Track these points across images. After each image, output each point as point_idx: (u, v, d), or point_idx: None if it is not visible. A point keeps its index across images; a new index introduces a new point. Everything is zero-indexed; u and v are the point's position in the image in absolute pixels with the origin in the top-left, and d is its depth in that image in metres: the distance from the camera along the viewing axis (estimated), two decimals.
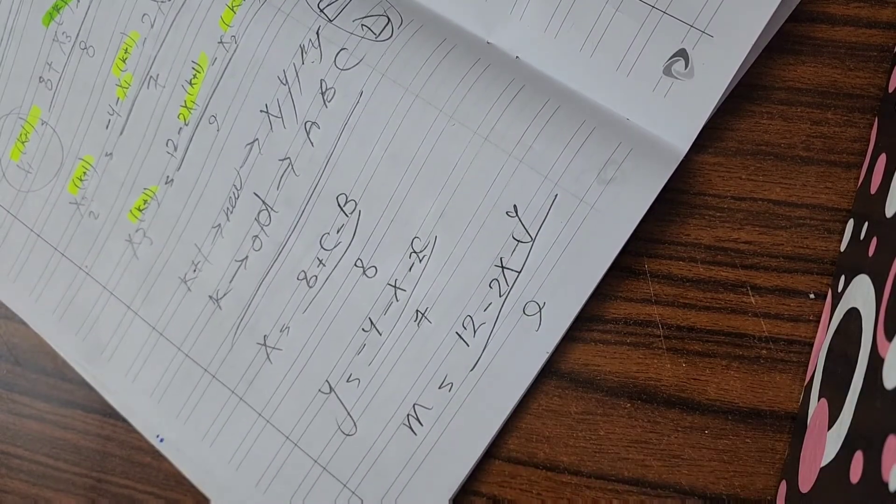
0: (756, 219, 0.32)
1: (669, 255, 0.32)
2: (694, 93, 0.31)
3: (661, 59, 0.31)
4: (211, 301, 0.36)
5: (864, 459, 0.23)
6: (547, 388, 0.33)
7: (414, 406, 0.32)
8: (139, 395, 0.36)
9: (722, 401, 0.32)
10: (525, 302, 0.31)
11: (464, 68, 0.32)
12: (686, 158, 0.31)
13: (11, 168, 0.39)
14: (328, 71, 0.33)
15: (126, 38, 0.37)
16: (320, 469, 0.34)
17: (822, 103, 0.32)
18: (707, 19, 0.30)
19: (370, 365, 0.33)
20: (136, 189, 0.37)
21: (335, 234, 0.34)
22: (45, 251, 0.38)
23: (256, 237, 0.35)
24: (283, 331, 0.34)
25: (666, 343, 0.32)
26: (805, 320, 0.32)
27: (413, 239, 0.33)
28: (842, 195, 0.32)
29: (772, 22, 0.30)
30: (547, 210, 0.31)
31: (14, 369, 0.38)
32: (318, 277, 0.34)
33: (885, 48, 0.32)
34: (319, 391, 0.34)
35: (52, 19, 0.38)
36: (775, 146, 0.32)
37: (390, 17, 0.33)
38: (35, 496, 0.37)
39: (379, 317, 0.33)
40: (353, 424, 0.33)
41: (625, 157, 0.30)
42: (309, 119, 0.34)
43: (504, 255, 0.31)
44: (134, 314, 0.37)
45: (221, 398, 0.35)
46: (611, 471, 0.32)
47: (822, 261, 0.32)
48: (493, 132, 0.31)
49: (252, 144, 0.35)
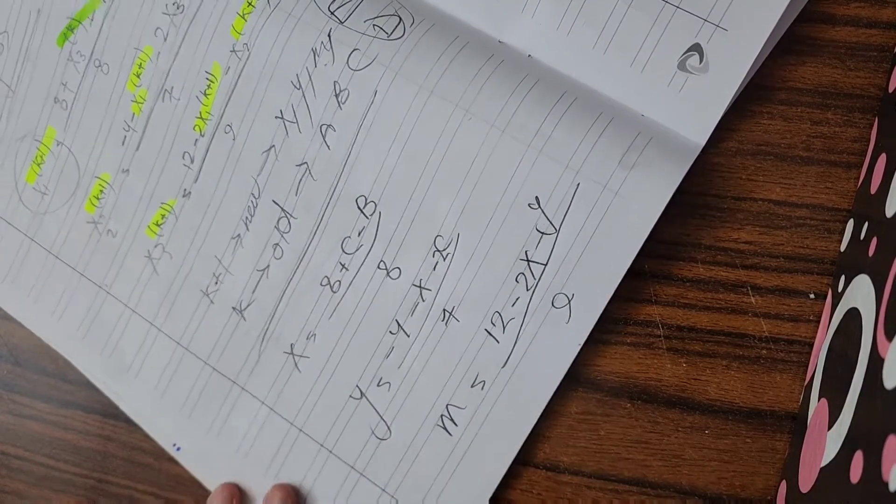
0: (756, 219, 0.32)
1: (669, 255, 0.32)
2: (709, 87, 0.31)
3: (675, 54, 0.31)
4: (235, 312, 0.35)
5: (864, 459, 0.23)
6: None
7: (447, 406, 0.32)
8: (169, 412, 0.36)
9: (722, 401, 0.32)
10: (553, 294, 0.31)
11: (478, 63, 0.32)
12: None
13: (27, 191, 0.39)
14: (341, 72, 0.33)
15: (140, 53, 0.36)
16: (357, 475, 0.34)
17: (822, 103, 0.32)
18: (721, 13, 0.30)
19: (400, 367, 0.33)
20: (154, 204, 0.37)
21: (356, 238, 0.33)
22: (64, 272, 0.38)
23: (277, 245, 0.35)
24: (310, 338, 0.34)
25: (666, 343, 0.32)
26: (805, 320, 0.32)
27: (436, 237, 0.32)
28: (842, 195, 0.32)
29: (784, 17, 0.30)
30: (570, 200, 0.30)
31: (14, 370, 0.38)
32: (342, 282, 0.34)
33: (885, 48, 0.32)
34: (350, 397, 0.34)
35: (67, 39, 0.38)
36: (775, 146, 0.32)
37: (401, 16, 0.33)
38: (35, 496, 0.37)
39: (406, 318, 0.33)
40: (386, 428, 0.33)
41: (646, 144, 0.30)
42: (324, 122, 0.33)
43: (529, 249, 0.31)
44: (158, 330, 0.36)
45: (252, 410, 0.35)
46: (611, 471, 0.32)
47: (822, 261, 0.32)
48: (510, 124, 0.31)
49: (268, 151, 0.34)
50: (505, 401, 0.32)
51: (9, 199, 0.39)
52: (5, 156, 0.39)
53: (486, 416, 0.32)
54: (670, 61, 0.31)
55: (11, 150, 0.39)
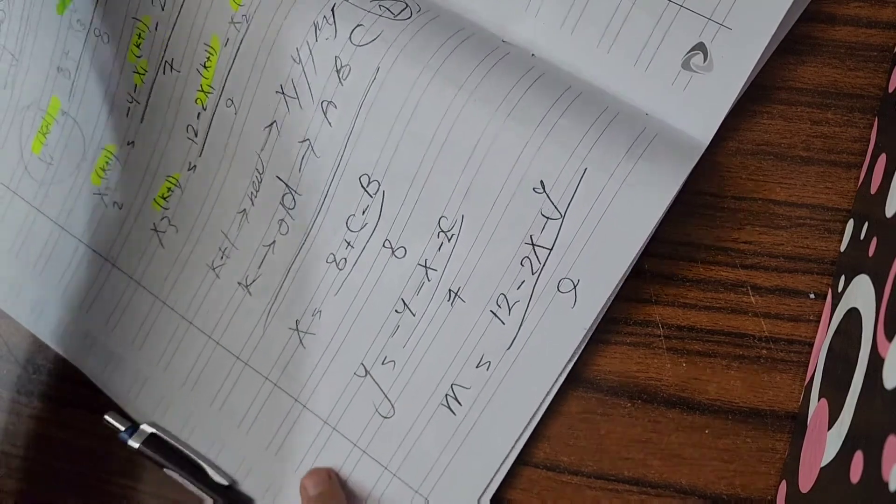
0: (756, 219, 0.32)
1: (669, 255, 0.32)
2: (714, 86, 0.31)
3: (679, 53, 0.31)
4: (240, 287, 0.35)
5: (864, 459, 0.23)
6: None
7: (452, 386, 0.32)
8: (173, 385, 0.36)
9: (722, 400, 0.32)
10: (559, 279, 0.31)
11: (484, 51, 0.31)
12: None
13: (33, 161, 0.39)
14: (343, 48, 0.32)
15: (139, 23, 0.36)
16: (360, 452, 0.34)
17: (822, 103, 0.32)
18: (725, 12, 0.30)
19: (405, 346, 0.33)
20: (160, 177, 0.36)
21: (361, 216, 0.33)
22: (69, 243, 0.38)
23: (282, 221, 0.34)
24: (315, 315, 0.34)
25: (666, 343, 0.32)
26: (805, 320, 0.32)
27: (440, 218, 0.32)
28: (842, 195, 0.32)
29: (787, 16, 0.30)
30: (576, 186, 0.30)
31: (14, 369, 0.38)
32: (348, 259, 0.34)
33: (885, 48, 0.32)
34: (355, 374, 0.34)
35: (66, 7, 0.37)
36: (775, 146, 0.32)
37: (408, 2, 0.32)
38: (35, 496, 0.37)
39: (411, 297, 0.33)
40: (390, 407, 0.33)
41: (653, 137, 0.30)
42: (325, 98, 0.33)
43: (534, 233, 0.31)
44: (162, 304, 0.36)
45: (255, 385, 0.35)
46: (611, 470, 0.32)
47: (822, 261, 0.32)
48: (515, 109, 0.30)
49: (270, 127, 0.34)
50: (510, 382, 0.32)
51: (14, 168, 0.39)
52: (11, 125, 0.39)
53: (491, 397, 0.32)
54: (674, 60, 0.31)
55: (17, 120, 0.39)
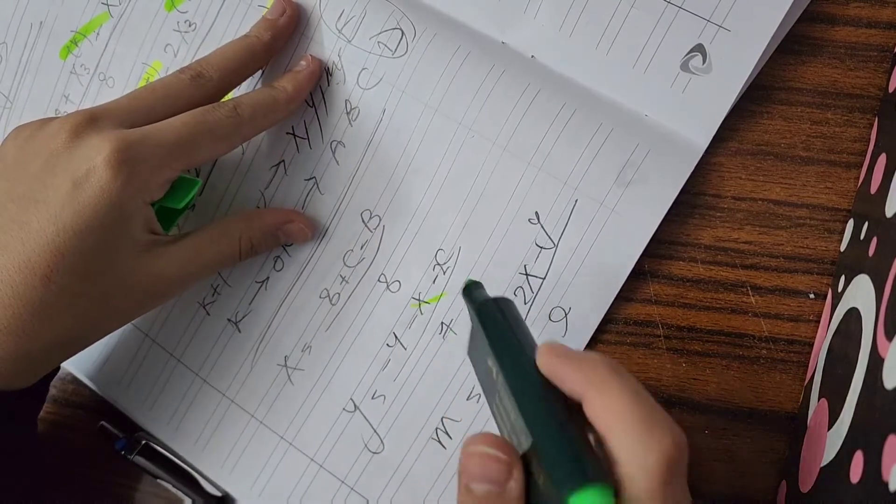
0: (756, 219, 0.32)
1: (669, 255, 0.32)
2: (713, 87, 0.31)
3: (678, 54, 0.31)
4: (230, 324, 0.35)
5: (864, 459, 0.23)
6: None
7: (442, 419, 0.32)
8: (158, 423, 0.36)
9: (722, 400, 0.32)
10: (551, 308, 0.31)
11: (480, 77, 0.32)
12: None
13: None
14: (352, 91, 0.33)
15: (148, 67, 0.36)
16: (348, 489, 0.33)
17: (822, 103, 0.32)
18: (724, 13, 0.30)
19: (395, 380, 0.33)
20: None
21: (359, 251, 0.34)
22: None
23: (278, 257, 0.35)
24: (305, 350, 0.34)
25: (666, 343, 0.32)
26: (805, 320, 0.32)
27: (437, 251, 0.33)
28: (842, 195, 0.32)
29: (787, 17, 0.30)
30: (568, 215, 0.31)
31: None
32: (341, 294, 0.34)
33: (885, 48, 0.32)
34: (344, 410, 0.34)
35: (70, 52, 0.38)
36: (775, 146, 0.32)
37: (403, 28, 0.33)
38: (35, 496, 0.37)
39: (403, 331, 0.33)
40: (380, 442, 0.33)
41: (643, 158, 0.30)
42: (335, 138, 0.34)
43: (528, 263, 0.31)
44: (151, 341, 0.36)
45: (241, 422, 0.35)
46: None
47: (822, 261, 0.32)
48: (511, 141, 0.32)
49: (278, 166, 0.35)
50: None
51: None
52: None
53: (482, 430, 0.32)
54: (673, 62, 0.31)
55: None
